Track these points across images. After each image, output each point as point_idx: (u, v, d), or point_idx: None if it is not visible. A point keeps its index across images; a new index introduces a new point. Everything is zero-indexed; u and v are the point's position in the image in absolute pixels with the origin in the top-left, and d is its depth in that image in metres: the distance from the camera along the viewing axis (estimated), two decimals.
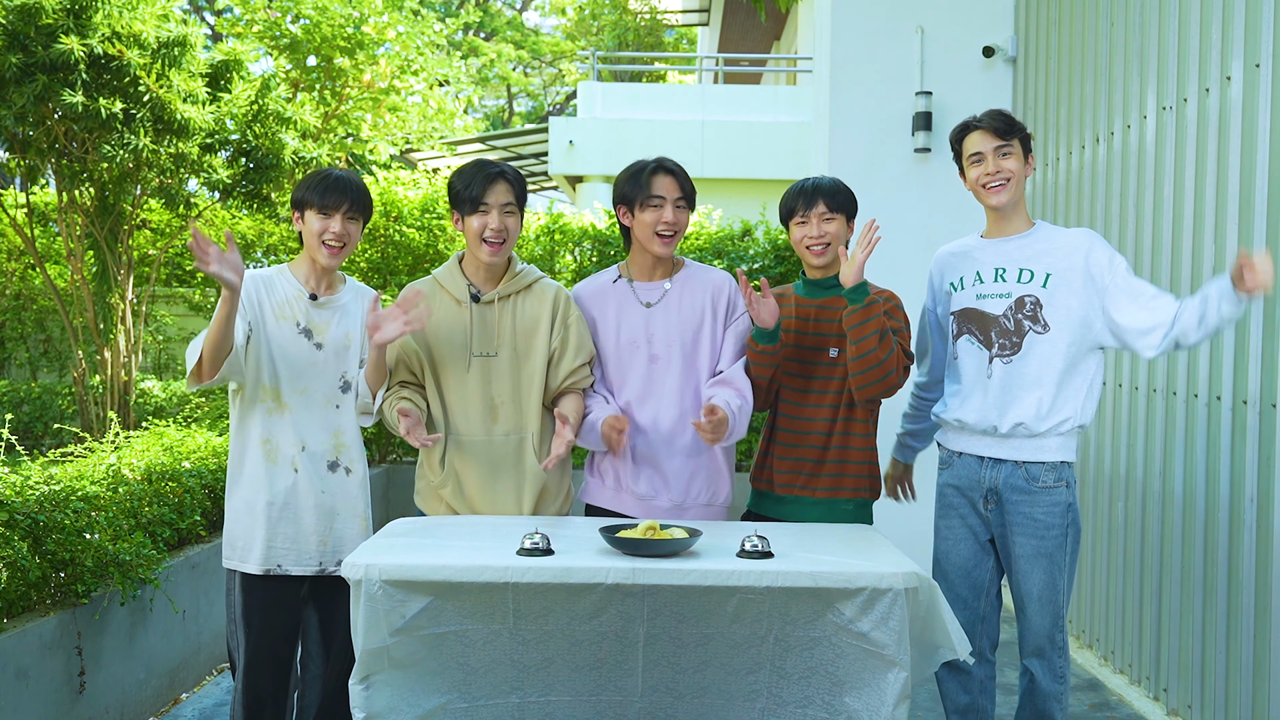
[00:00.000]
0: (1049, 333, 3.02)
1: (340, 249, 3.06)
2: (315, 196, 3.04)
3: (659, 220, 3.12)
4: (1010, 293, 3.08)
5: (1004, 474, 3.08)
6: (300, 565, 3.04)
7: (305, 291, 3.10)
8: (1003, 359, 3.07)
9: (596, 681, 2.62)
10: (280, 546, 3.02)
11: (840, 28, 6.13)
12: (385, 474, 7.10)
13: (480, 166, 3.12)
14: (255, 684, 3.02)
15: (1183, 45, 4.15)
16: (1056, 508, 3.03)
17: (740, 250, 7.27)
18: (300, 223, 3.08)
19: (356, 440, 3.14)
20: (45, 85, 5.57)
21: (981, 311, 3.13)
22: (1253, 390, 3.57)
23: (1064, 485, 3.04)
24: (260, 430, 3.04)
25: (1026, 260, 3.08)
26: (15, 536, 3.34)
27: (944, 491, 3.24)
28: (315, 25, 9.95)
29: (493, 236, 3.06)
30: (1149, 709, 4.17)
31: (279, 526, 3.02)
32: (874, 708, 2.51)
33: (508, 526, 2.86)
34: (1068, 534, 3.05)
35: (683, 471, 3.15)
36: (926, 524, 3.38)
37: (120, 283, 6.70)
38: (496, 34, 27.69)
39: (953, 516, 3.21)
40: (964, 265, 3.21)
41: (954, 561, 3.20)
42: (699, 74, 19.02)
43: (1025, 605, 3.09)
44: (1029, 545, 3.05)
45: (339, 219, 3.05)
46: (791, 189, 3.25)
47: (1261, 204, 3.56)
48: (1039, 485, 3.03)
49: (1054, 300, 3.02)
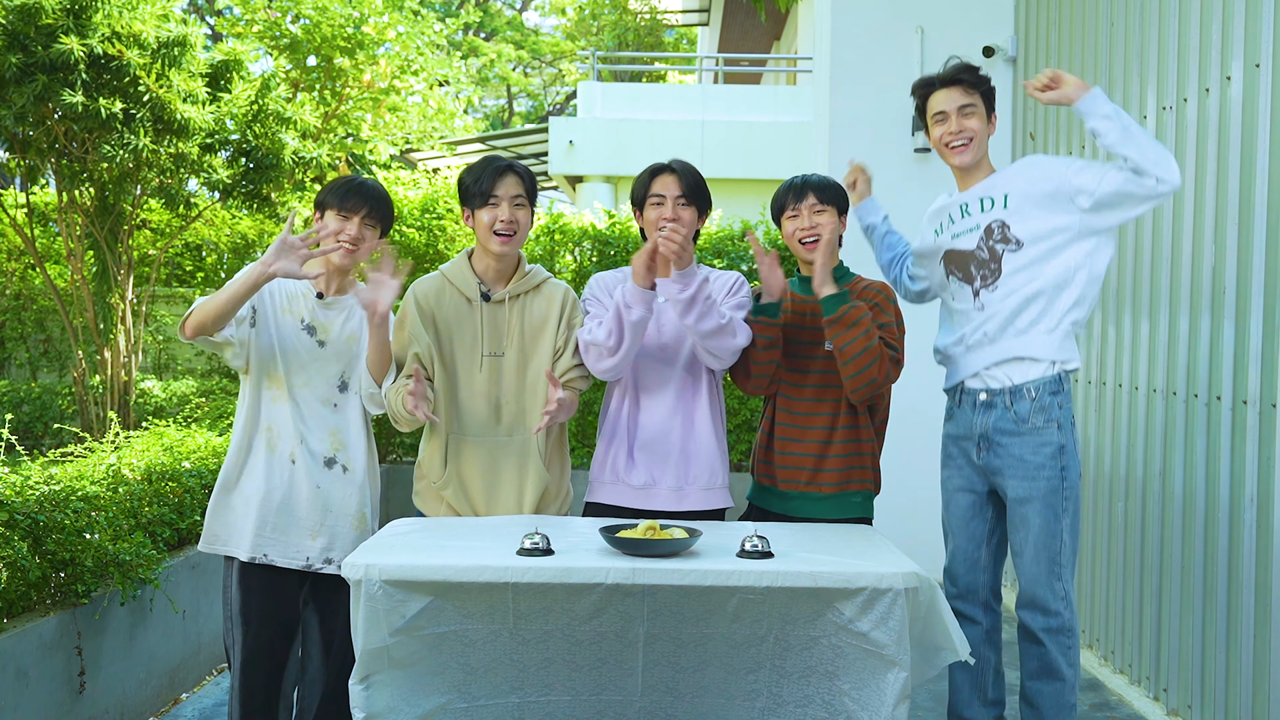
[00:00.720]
0: (1024, 247, 3.06)
1: (353, 251, 3.10)
2: (335, 199, 3.10)
3: (660, 217, 3.13)
4: (978, 224, 3.14)
5: (994, 418, 3.09)
6: (287, 558, 3.04)
7: (313, 290, 3.14)
8: (988, 288, 3.12)
9: (596, 681, 2.62)
10: (269, 536, 3.02)
11: (840, 28, 6.13)
12: (385, 474, 7.09)
13: (489, 161, 3.14)
14: (251, 681, 3.02)
15: (1183, 45, 4.15)
16: (1046, 448, 3.01)
17: (740, 250, 7.27)
18: (320, 222, 3.13)
19: (359, 440, 3.14)
20: (45, 85, 5.57)
21: (959, 250, 3.19)
22: (1253, 390, 3.57)
23: (1054, 426, 3.01)
24: (265, 417, 3.07)
25: (985, 191, 3.15)
26: (15, 536, 3.34)
27: (945, 444, 3.29)
28: (315, 25, 9.96)
29: (503, 228, 3.07)
30: (1149, 709, 4.17)
31: (271, 517, 3.03)
32: (874, 708, 2.52)
33: (508, 527, 2.86)
34: (1063, 478, 3.01)
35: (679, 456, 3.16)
36: (927, 524, 3.39)
37: (120, 283, 6.70)
38: (496, 34, 27.69)
39: (951, 467, 3.25)
40: (939, 217, 3.31)
41: (953, 511, 3.24)
42: (699, 74, 19.02)
43: (1021, 551, 3.06)
44: (1020, 488, 3.04)
45: (356, 222, 3.09)
46: (781, 186, 3.29)
47: (1261, 204, 3.56)
48: (1028, 426, 3.03)
49: (1019, 214, 3.07)
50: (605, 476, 3.22)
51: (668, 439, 3.17)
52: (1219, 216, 3.83)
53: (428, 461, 3.17)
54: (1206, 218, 3.91)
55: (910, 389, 3.68)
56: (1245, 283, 3.64)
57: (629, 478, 3.17)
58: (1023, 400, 3.04)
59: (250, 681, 3.02)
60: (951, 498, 3.26)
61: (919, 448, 4.68)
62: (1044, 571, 3.02)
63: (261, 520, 3.02)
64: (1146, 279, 4.34)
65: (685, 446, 3.17)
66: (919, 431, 4.68)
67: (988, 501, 3.20)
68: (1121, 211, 2.98)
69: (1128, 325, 4.52)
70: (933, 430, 3.64)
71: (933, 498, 3.44)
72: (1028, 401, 3.04)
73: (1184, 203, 4.08)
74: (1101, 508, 4.75)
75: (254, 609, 3.03)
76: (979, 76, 3.15)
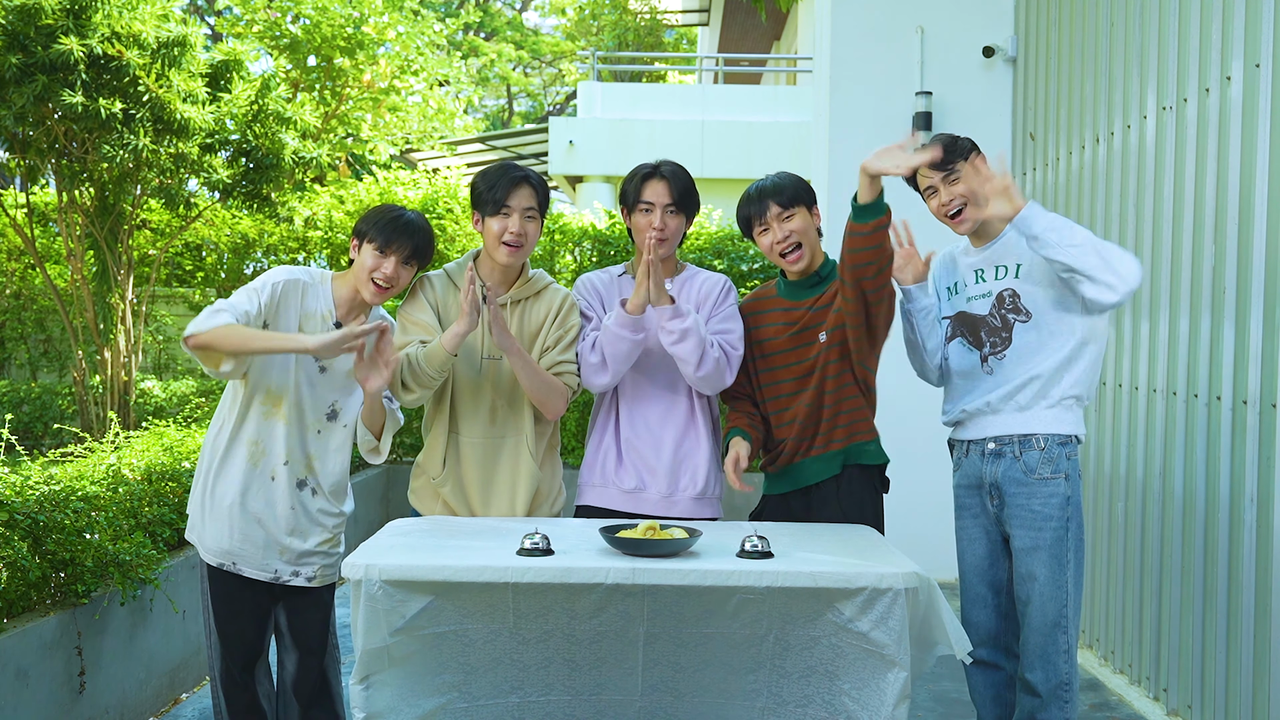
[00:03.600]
0: (1032, 319, 3.05)
1: (387, 290, 3.02)
2: (379, 235, 2.99)
3: (649, 225, 3.13)
4: (991, 291, 3.12)
5: (1003, 467, 3.08)
6: (256, 570, 3.02)
7: (334, 316, 3.05)
8: (996, 356, 3.11)
9: (597, 680, 2.62)
10: (239, 548, 3.00)
11: (840, 28, 6.13)
12: (385, 474, 7.10)
13: (505, 170, 3.10)
14: (229, 673, 3.03)
15: (1183, 45, 4.15)
16: (1054, 499, 3.01)
17: (740, 250, 7.26)
18: (356, 250, 3.03)
19: (336, 467, 3.11)
20: (45, 85, 5.57)
21: (971, 314, 3.17)
22: (1253, 390, 3.57)
23: (1062, 477, 3.02)
24: (252, 431, 3.02)
25: (1000, 257, 3.12)
26: (15, 536, 3.34)
27: (957, 493, 3.26)
28: (315, 25, 9.97)
29: (512, 239, 3.06)
30: (1149, 709, 4.17)
31: (244, 529, 2.99)
32: (874, 707, 2.52)
33: (507, 526, 2.86)
34: (1067, 529, 3.02)
35: (670, 463, 3.16)
36: (928, 524, 3.39)
37: (120, 283, 6.70)
38: (496, 34, 27.68)
39: (966, 516, 3.23)
40: (955, 272, 3.26)
41: (969, 561, 3.21)
42: (699, 74, 19.02)
43: (1027, 602, 3.06)
44: (1026, 538, 3.04)
45: (394, 262, 3.00)
46: (740, 201, 3.24)
47: (1261, 204, 3.56)
48: (1035, 477, 3.03)
49: (1028, 286, 3.06)
50: (595, 479, 3.23)
51: (659, 444, 3.17)
52: (1219, 216, 3.83)
53: (427, 459, 3.18)
54: (1206, 218, 3.91)
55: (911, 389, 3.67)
56: (1245, 283, 3.64)
57: (619, 480, 3.18)
58: (1031, 450, 3.05)
59: (229, 672, 3.03)
60: (967, 547, 3.22)
61: (919, 448, 4.68)
62: (1050, 624, 3.01)
63: (231, 529, 2.99)
64: (1147, 279, 4.34)
65: (676, 453, 3.17)
66: (919, 432, 4.67)
67: (1004, 550, 3.18)
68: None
69: (1128, 325, 4.53)
70: (932, 431, 3.64)
71: (933, 498, 3.44)
72: (1036, 452, 3.05)
73: (1184, 202, 4.08)
74: (1101, 508, 4.75)
75: (223, 606, 3.02)
76: (956, 145, 3.12)
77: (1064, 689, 3.02)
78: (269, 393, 3.02)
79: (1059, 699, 3.02)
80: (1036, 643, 3.04)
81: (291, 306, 3.02)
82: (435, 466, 3.15)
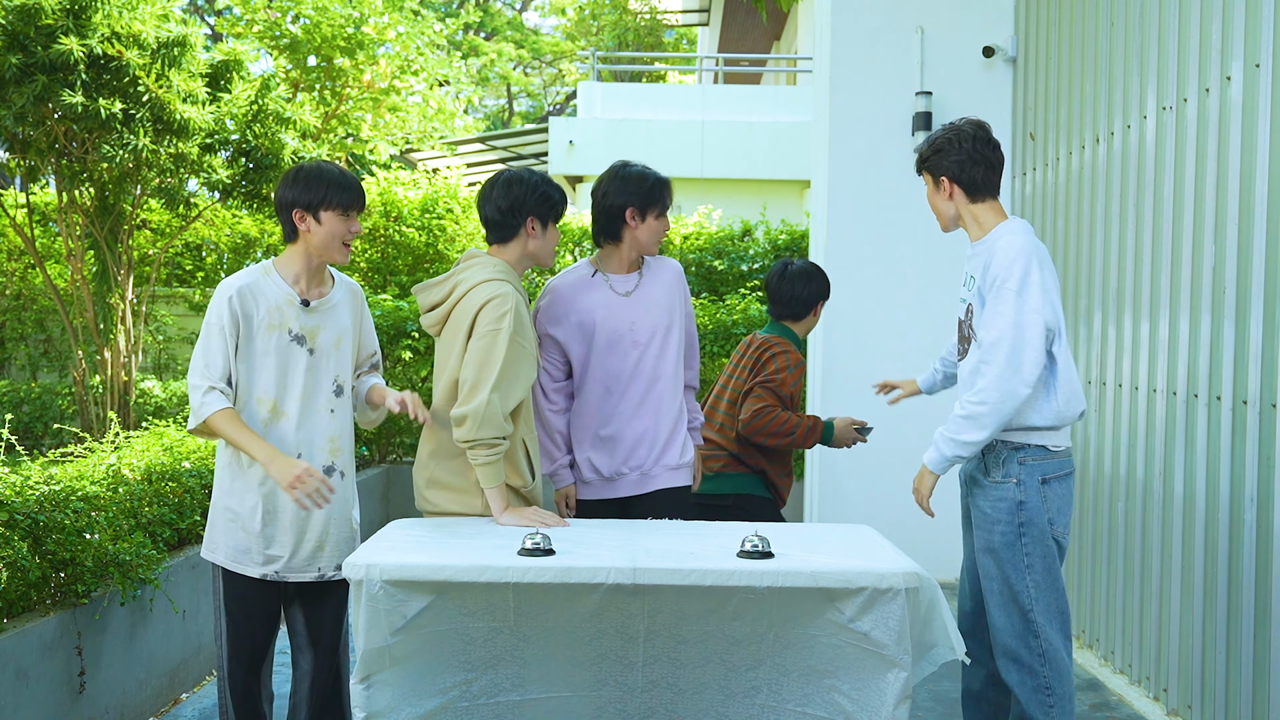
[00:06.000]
0: (972, 343, 3.06)
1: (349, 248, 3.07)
2: (339, 196, 2.94)
3: (665, 228, 3.43)
4: (966, 299, 3.15)
5: (971, 467, 3.15)
6: (293, 572, 3.01)
7: (296, 296, 2.98)
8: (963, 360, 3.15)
9: (597, 677, 2.62)
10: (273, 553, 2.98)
11: (840, 28, 6.13)
12: (385, 474, 7.09)
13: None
14: (238, 671, 3.03)
15: (1183, 45, 4.15)
16: (1002, 503, 3.01)
17: (740, 250, 7.27)
18: (306, 221, 2.94)
19: (349, 444, 3.12)
20: (45, 85, 5.58)
21: (958, 318, 3.21)
22: (1253, 390, 3.57)
23: (1013, 482, 3.01)
24: None
25: (973, 266, 3.13)
26: (15, 536, 3.34)
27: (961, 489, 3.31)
28: (315, 25, 9.97)
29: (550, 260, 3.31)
30: (1149, 709, 4.17)
31: (275, 535, 2.98)
32: (874, 707, 2.52)
33: (508, 526, 2.86)
34: (1020, 534, 2.99)
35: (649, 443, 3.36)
36: (928, 524, 3.39)
37: (120, 283, 6.70)
38: (496, 34, 27.68)
39: (964, 522, 3.24)
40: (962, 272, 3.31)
41: (965, 555, 3.25)
42: (699, 74, 19.01)
43: (988, 599, 3.06)
44: (979, 537, 3.08)
45: (355, 216, 3.02)
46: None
47: (1261, 204, 3.56)
48: (989, 479, 3.06)
49: (977, 303, 3.05)
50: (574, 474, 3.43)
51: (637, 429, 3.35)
52: (1219, 216, 3.83)
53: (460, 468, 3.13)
54: (1206, 218, 3.91)
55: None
56: (1245, 283, 3.64)
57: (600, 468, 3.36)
58: (989, 453, 3.07)
59: (238, 671, 3.03)
60: (965, 541, 3.27)
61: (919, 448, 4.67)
62: (1017, 625, 3.00)
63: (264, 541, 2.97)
64: (1147, 279, 4.34)
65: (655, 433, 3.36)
66: (919, 432, 4.67)
67: None
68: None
69: (1128, 325, 4.53)
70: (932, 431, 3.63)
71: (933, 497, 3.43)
72: (990, 455, 3.06)
73: (1184, 203, 4.08)
74: (1101, 508, 4.75)
75: (237, 608, 3.02)
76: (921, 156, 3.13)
77: (1045, 692, 2.99)
78: (259, 400, 2.97)
79: (1040, 704, 2.99)
80: (1004, 643, 3.03)
81: (252, 310, 2.95)
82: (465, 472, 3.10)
